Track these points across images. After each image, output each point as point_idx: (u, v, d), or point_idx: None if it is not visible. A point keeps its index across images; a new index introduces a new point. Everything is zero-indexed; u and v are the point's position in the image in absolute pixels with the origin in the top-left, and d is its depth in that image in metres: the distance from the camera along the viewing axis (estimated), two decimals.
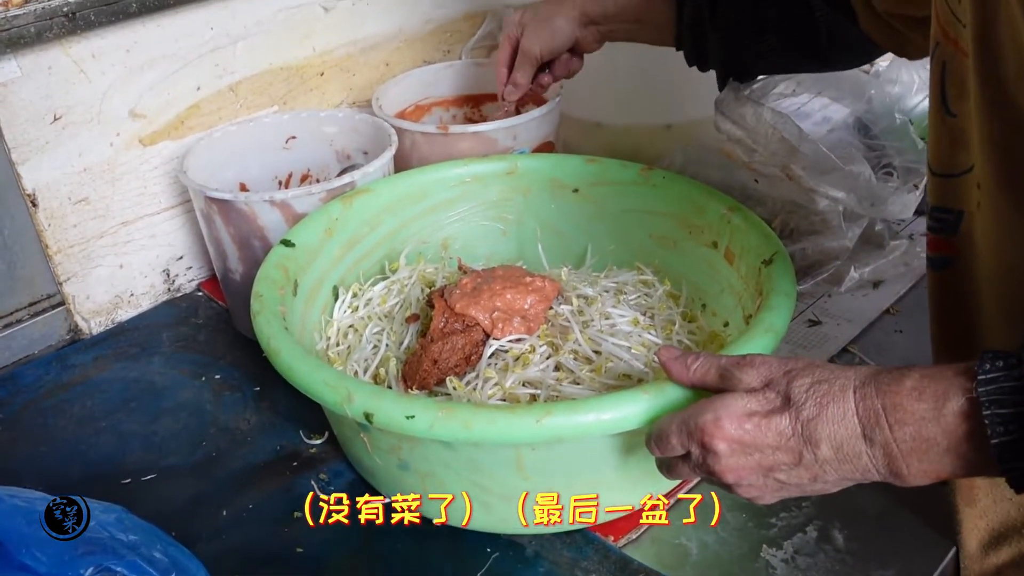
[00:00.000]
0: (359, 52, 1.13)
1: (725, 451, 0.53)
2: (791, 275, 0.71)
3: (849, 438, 0.50)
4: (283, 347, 0.66)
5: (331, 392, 0.61)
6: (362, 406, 0.60)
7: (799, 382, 0.52)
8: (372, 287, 0.87)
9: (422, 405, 0.59)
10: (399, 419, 0.59)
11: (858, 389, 0.50)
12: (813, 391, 0.51)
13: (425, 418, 0.58)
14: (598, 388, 0.72)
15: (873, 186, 0.93)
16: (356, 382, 0.64)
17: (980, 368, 0.46)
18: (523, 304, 0.77)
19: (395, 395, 0.62)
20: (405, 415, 0.59)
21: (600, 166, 0.91)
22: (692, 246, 0.85)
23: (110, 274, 0.99)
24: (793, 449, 0.52)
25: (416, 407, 0.59)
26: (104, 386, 0.90)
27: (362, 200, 0.87)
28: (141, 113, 0.96)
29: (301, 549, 0.71)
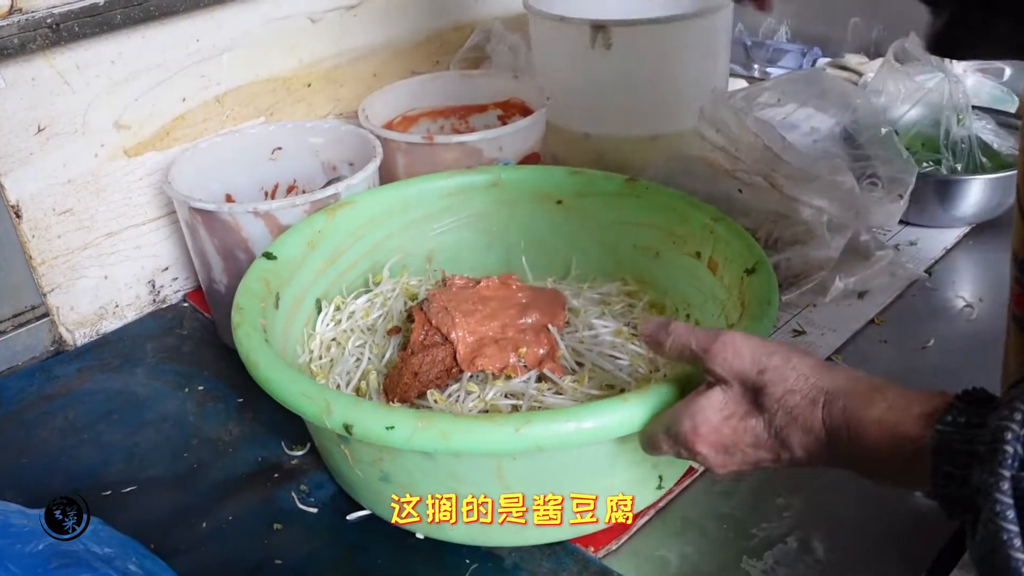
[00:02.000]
0: (346, 63, 1.14)
1: (710, 453, 0.56)
2: (773, 284, 0.71)
3: (817, 446, 0.53)
4: (262, 359, 0.66)
5: (310, 404, 0.61)
6: (341, 417, 0.60)
7: (770, 391, 0.54)
8: (355, 300, 0.87)
9: (402, 416, 0.59)
10: (379, 430, 0.59)
11: (826, 405, 0.52)
12: (784, 401, 0.53)
13: (405, 429, 0.58)
14: (581, 398, 0.72)
15: (857, 196, 0.93)
16: (335, 394, 0.63)
17: (940, 419, 0.46)
18: (507, 334, 0.77)
19: (375, 406, 0.61)
20: (385, 426, 0.58)
21: (584, 178, 0.91)
22: (676, 256, 0.85)
23: (95, 285, 0.99)
24: (771, 448, 0.55)
25: (396, 418, 0.59)
26: (87, 397, 0.90)
27: (345, 212, 0.87)
28: (126, 124, 0.96)
29: (280, 561, 0.71)
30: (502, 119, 1.13)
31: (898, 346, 0.91)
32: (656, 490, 0.71)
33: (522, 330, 0.78)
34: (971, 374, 0.86)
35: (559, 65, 1.12)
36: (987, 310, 0.95)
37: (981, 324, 0.94)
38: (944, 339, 0.92)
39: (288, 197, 0.97)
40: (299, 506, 0.75)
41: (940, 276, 1.01)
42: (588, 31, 1.05)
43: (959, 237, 1.07)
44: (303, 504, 0.75)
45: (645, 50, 1.06)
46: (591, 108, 1.11)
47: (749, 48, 1.56)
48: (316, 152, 1.03)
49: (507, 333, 0.77)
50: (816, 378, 0.53)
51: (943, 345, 0.91)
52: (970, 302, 0.96)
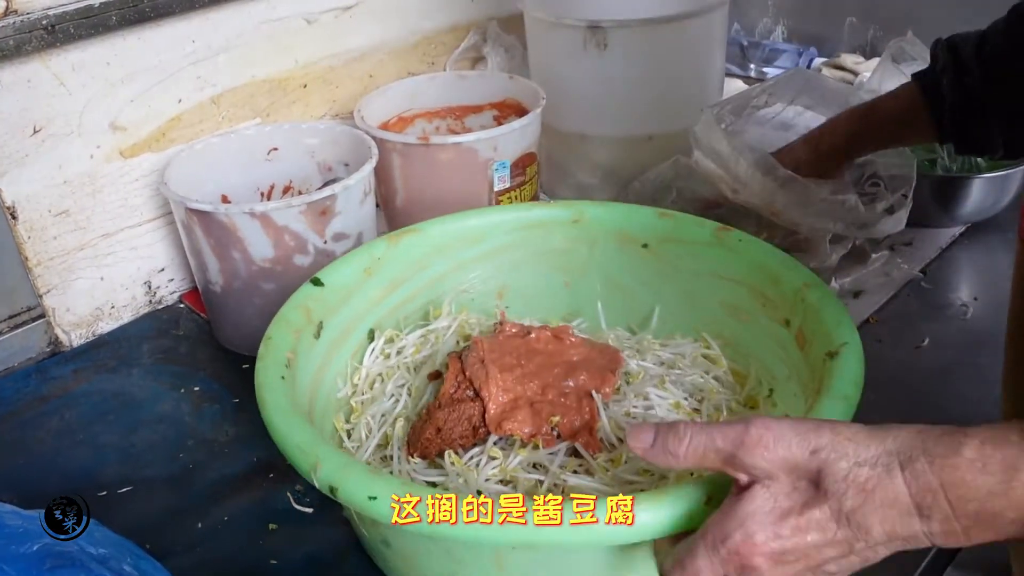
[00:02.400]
0: (342, 64, 1.14)
1: (766, 566, 0.47)
2: (856, 375, 0.61)
3: (902, 518, 0.45)
4: (270, 399, 0.63)
5: (302, 458, 0.57)
6: (328, 478, 0.55)
7: (833, 469, 0.46)
8: (409, 335, 0.82)
9: (386, 487, 0.53)
10: (362, 499, 0.54)
11: (906, 466, 0.45)
12: (853, 477, 0.46)
13: (387, 502, 0.53)
14: (610, 482, 0.64)
15: (860, 213, 0.92)
16: (329, 450, 0.58)
17: None
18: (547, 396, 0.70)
19: (364, 471, 0.55)
20: (368, 495, 0.53)
21: (673, 222, 0.83)
22: (765, 321, 0.75)
23: (91, 286, 0.99)
24: (842, 541, 0.46)
25: (380, 488, 0.53)
26: (83, 398, 0.90)
27: (410, 240, 0.82)
28: (122, 126, 0.96)
29: (276, 561, 0.71)
30: (498, 120, 1.13)
31: (893, 346, 0.91)
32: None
33: (564, 393, 0.71)
34: (966, 373, 0.87)
35: (555, 65, 1.13)
36: (983, 310, 0.95)
37: (977, 324, 0.94)
38: (939, 339, 0.92)
39: (284, 198, 0.97)
40: (295, 506, 0.75)
41: (936, 275, 1.01)
42: (583, 31, 1.05)
43: (955, 236, 1.07)
44: (299, 504, 0.75)
45: (640, 50, 1.06)
46: (586, 108, 1.11)
47: (745, 48, 1.56)
48: (312, 153, 1.03)
49: (547, 395, 0.70)
50: (879, 443, 0.46)
51: (938, 344, 0.91)
52: (966, 302, 0.96)
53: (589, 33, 1.05)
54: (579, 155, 1.15)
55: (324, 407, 0.73)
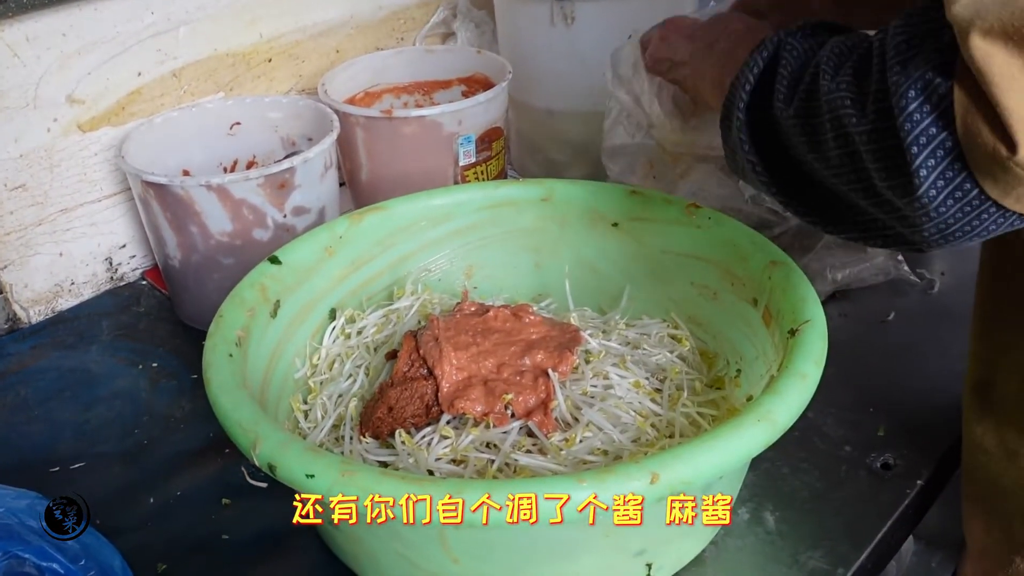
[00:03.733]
0: (308, 39, 1.12)
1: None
2: (817, 353, 0.60)
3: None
4: (214, 378, 0.61)
5: (242, 435, 0.56)
6: (267, 456, 0.54)
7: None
8: (370, 315, 0.81)
9: (325, 464, 0.52)
10: (300, 476, 0.52)
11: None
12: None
13: (325, 479, 0.51)
14: (564, 462, 0.63)
15: None
16: (269, 428, 0.56)
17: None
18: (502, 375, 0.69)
19: (301, 448, 0.54)
20: (306, 473, 0.52)
21: (643, 199, 0.81)
22: (734, 300, 0.74)
23: (50, 262, 0.97)
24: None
25: (319, 465, 0.52)
26: (39, 375, 0.89)
27: (373, 218, 0.81)
28: (79, 99, 0.94)
29: (227, 536, 0.70)
30: (466, 95, 1.12)
31: (858, 320, 0.91)
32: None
33: (520, 372, 0.69)
34: (932, 348, 0.87)
35: (523, 40, 1.11)
36: (949, 284, 0.95)
37: (943, 298, 0.93)
38: (904, 314, 0.91)
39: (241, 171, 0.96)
40: (249, 481, 0.73)
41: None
42: (550, 5, 1.03)
43: None
44: (253, 479, 0.74)
45: (607, 23, 1.04)
46: (555, 83, 1.10)
47: None
48: (275, 127, 1.02)
49: (502, 374, 0.69)
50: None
51: (903, 320, 0.91)
52: (931, 277, 0.95)
53: (556, 7, 1.03)
54: (548, 131, 1.14)
55: (280, 387, 0.72)
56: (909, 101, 0.44)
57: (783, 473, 0.73)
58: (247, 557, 0.68)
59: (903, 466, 0.73)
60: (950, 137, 0.44)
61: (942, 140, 0.44)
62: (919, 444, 0.75)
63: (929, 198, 0.45)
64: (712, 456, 0.52)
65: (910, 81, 0.44)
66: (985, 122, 0.42)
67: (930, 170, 0.44)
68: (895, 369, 0.85)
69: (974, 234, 0.46)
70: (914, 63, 0.45)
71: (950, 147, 0.44)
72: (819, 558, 0.66)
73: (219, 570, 0.67)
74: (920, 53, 0.45)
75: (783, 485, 0.72)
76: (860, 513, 0.69)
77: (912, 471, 0.73)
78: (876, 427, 0.77)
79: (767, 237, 0.74)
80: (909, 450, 0.75)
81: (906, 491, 0.71)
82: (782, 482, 0.72)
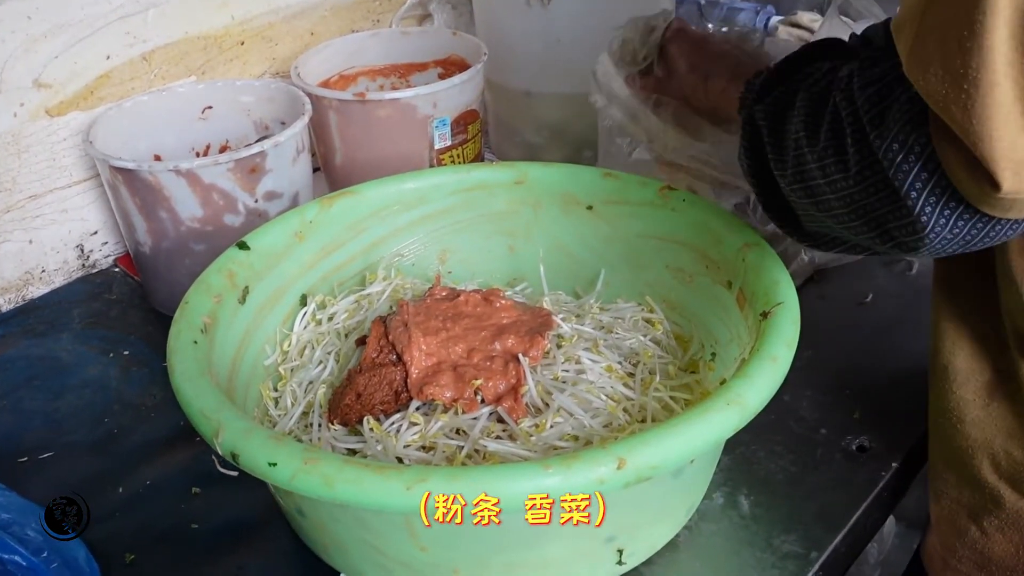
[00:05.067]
0: (281, 21, 1.10)
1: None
2: (789, 336, 0.59)
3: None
4: (177, 365, 0.60)
5: (205, 423, 0.55)
6: (230, 444, 0.53)
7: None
8: (341, 300, 0.80)
9: (287, 452, 0.51)
10: (262, 464, 0.52)
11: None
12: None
13: (288, 468, 0.51)
14: (535, 448, 0.62)
15: None
16: (232, 416, 0.55)
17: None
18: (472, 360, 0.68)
19: (264, 436, 0.53)
20: (268, 461, 0.51)
21: (618, 182, 0.80)
22: (709, 283, 0.74)
23: (19, 249, 0.96)
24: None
25: (281, 453, 0.51)
26: (8, 364, 0.88)
27: (344, 203, 0.80)
28: (46, 83, 0.93)
29: (197, 525, 0.69)
30: (443, 77, 1.11)
31: (836, 301, 0.90)
32: (616, 565, 0.62)
33: (491, 357, 0.69)
34: (910, 329, 0.86)
35: (499, 21, 1.10)
36: (927, 264, 0.94)
37: (922, 279, 0.93)
38: (883, 294, 0.91)
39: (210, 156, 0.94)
40: (219, 470, 0.72)
41: None
42: None
43: None
44: (223, 468, 0.72)
45: (584, 5, 1.03)
46: (532, 65, 1.09)
47: (703, 7, 1.53)
48: (247, 111, 1.00)
49: (472, 359, 0.69)
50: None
51: (882, 300, 0.90)
52: (910, 258, 0.95)
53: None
54: (526, 113, 1.12)
55: (250, 374, 0.71)
56: (895, 154, 0.46)
57: (758, 457, 0.73)
58: (216, 546, 0.68)
59: (878, 448, 0.73)
60: (943, 177, 0.45)
61: (936, 180, 0.46)
62: (895, 426, 0.75)
63: (939, 227, 0.47)
64: (680, 441, 0.51)
65: (890, 137, 0.46)
66: (965, 165, 0.44)
67: (933, 206, 0.47)
68: (872, 351, 0.84)
69: (991, 241, 0.48)
70: (890, 116, 0.47)
71: (945, 184, 0.45)
72: (793, 542, 0.65)
73: (188, 559, 0.67)
74: (892, 104, 0.47)
75: (758, 469, 0.72)
76: (835, 496, 0.69)
77: (888, 453, 0.73)
78: (852, 410, 0.77)
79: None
80: (885, 432, 0.74)
81: (881, 473, 0.71)
82: (757, 466, 0.72)
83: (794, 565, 0.64)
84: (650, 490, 0.57)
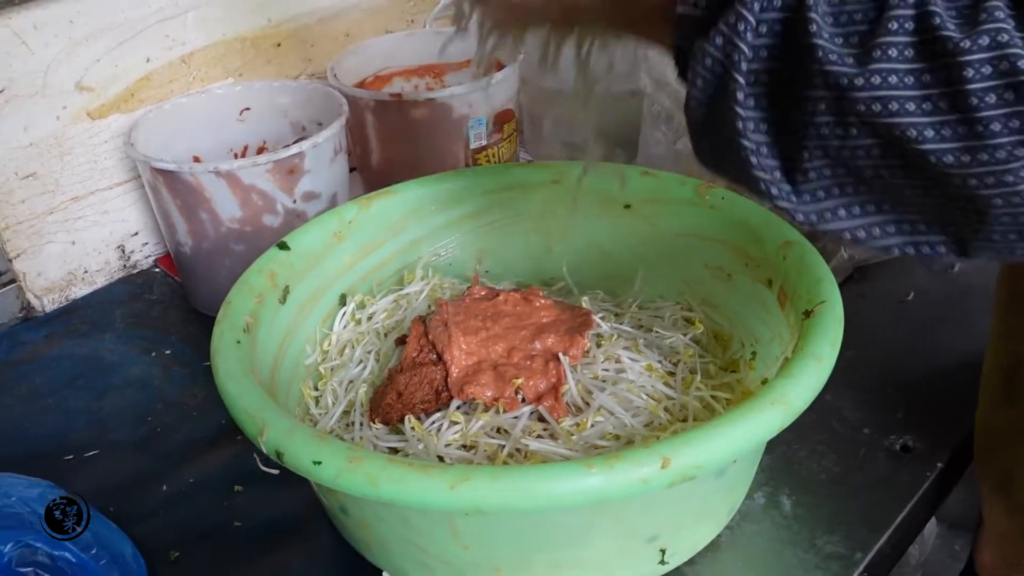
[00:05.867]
0: (316, 23, 1.11)
1: None
2: (833, 335, 0.58)
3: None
4: (221, 364, 0.61)
5: (249, 422, 0.55)
6: (274, 443, 0.53)
7: None
8: (380, 300, 0.80)
9: (331, 451, 0.52)
10: (307, 463, 0.52)
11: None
12: None
13: (331, 466, 0.51)
14: (576, 447, 0.62)
15: None
16: (276, 415, 0.55)
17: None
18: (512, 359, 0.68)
19: (308, 435, 0.53)
20: (312, 459, 0.51)
21: (656, 180, 0.80)
22: (748, 282, 0.73)
23: (62, 251, 0.97)
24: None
25: (325, 452, 0.52)
26: (53, 363, 0.89)
27: (382, 203, 0.80)
28: (88, 86, 0.94)
29: (239, 523, 0.70)
30: (477, 77, 1.11)
31: (877, 299, 0.89)
32: (658, 565, 0.61)
33: (531, 356, 0.69)
34: (953, 327, 0.85)
35: None
36: (970, 263, 0.93)
37: (964, 277, 0.92)
38: (924, 292, 0.90)
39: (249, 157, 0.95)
40: (261, 468, 0.73)
41: None
42: None
43: None
44: (265, 466, 0.73)
45: None
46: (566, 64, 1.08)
47: None
48: (285, 112, 1.01)
49: (512, 358, 0.68)
50: None
51: (923, 298, 0.89)
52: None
53: None
54: (561, 113, 1.12)
55: (291, 373, 0.72)
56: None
57: (800, 456, 0.72)
58: (259, 544, 0.68)
59: (923, 448, 0.72)
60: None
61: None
62: (939, 426, 0.74)
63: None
64: (725, 440, 0.51)
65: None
66: None
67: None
68: (915, 350, 0.83)
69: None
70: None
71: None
72: (837, 542, 0.65)
73: (231, 557, 0.67)
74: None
75: (800, 468, 0.71)
76: (879, 496, 0.68)
77: (932, 453, 0.72)
78: (895, 409, 0.76)
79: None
80: (929, 432, 0.73)
81: (926, 473, 0.70)
82: (799, 465, 0.71)
83: (838, 566, 0.63)
84: (693, 490, 0.57)
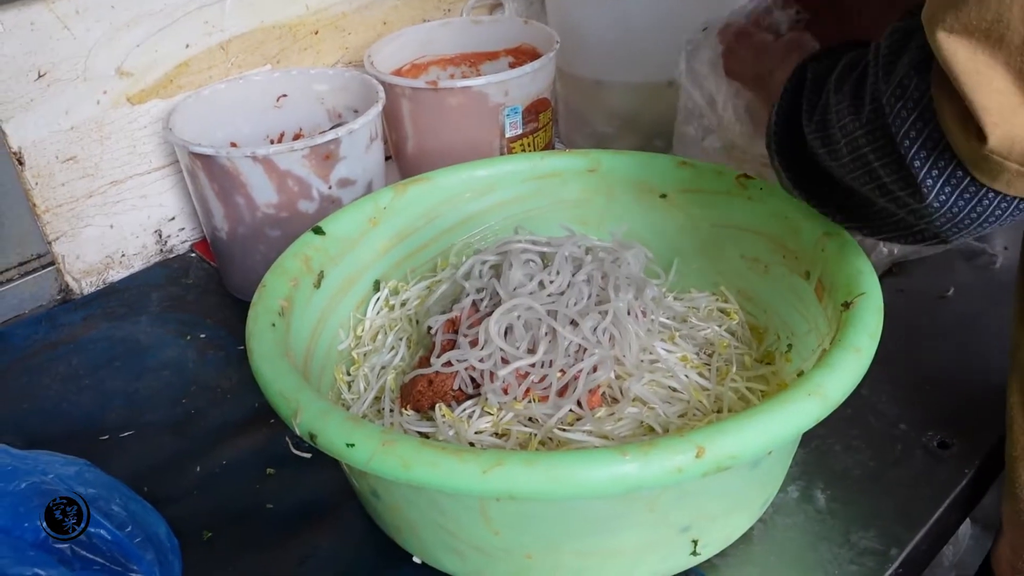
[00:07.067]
0: (354, 11, 1.11)
1: None
2: (872, 327, 0.58)
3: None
4: (256, 347, 0.61)
5: (284, 404, 0.56)
6: (308, 425, 0.54)
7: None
8: (414, 286, 0.81)
9: (365, 433, 0.52)
10: (340, 445, 0.52)
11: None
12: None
13: (365, 449, 0.51)
14: (609, 437, 0.62)
15: None
16: (311, 397, 0.56)
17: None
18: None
19: (342, 418, 0.53)
20: (346, 442, 0.52)
21: (693, 171, 0.80)
22: (785, 274, 0.73)
23: (100, 234, 0.98)
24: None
25: (359, 435, 0.52)
26: (90, 345, 0.90)
27: (418, 189, 0.80)
28: (128, 71, 0.95)
29: (271, 506, 0.70)
30: (513, 66, 1.10)
31: (916, 295, 0.88)
32: (690, 556, 0.61)
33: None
34: (993, 324, 0.84)
35: (571, 10, 1.09)
36: (1011, 258, 0.91)
37: (1005, 274, 0.90)
38: (964, 288, 0.88)
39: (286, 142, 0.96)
40: (293, 451, 0.74)
41: None
42: None
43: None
44: (297, 450, 0.74)
45: None
46: (603, 54, 1.08)
47: None
48: (321, 99, 1.01)
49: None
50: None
51: (963, 294, 0.88)
52: (993, 252, 0.92)
53: None
54: (596, 103, 1.12)
55: (324, 358, 0.72)
56: (895, 99, 0.47)
57: (835, 450, 0.71)
58: (290, 526, 0.69)
59: (960, 446, 0.71)
60: (936, 130, 0.46)
61: (928, 133, 0.46)
62: (978, 424, 0.73)
63: (927, 187, 0.47)
64: (760, 430, 0.50)
65: (894, 82, 0.47)
66: (958, 116, 0.44)
67: (923, 161, 0.47)
68: (953, 346, 0.82)
69: (983, 221, 0.48)
70: (899, 64, 0.48)
71: (937, 139, 0.46)
72: (871, 538, 0.64)
73: (263, 538, 0.68)
74: (903, 54, 0.48)
75: (835, 463, 0.70)
76: (915, 493, 0.67)
77: (970, 451, 0.71)
78: (933, 405, 0.75)
79: None
80: (967, 429, 0.72)
81: (964, 471, 0.69)
82: (834, 460, 0.70)
83: (873, 561, 0.62)
84: (727, 480, 0.57)
